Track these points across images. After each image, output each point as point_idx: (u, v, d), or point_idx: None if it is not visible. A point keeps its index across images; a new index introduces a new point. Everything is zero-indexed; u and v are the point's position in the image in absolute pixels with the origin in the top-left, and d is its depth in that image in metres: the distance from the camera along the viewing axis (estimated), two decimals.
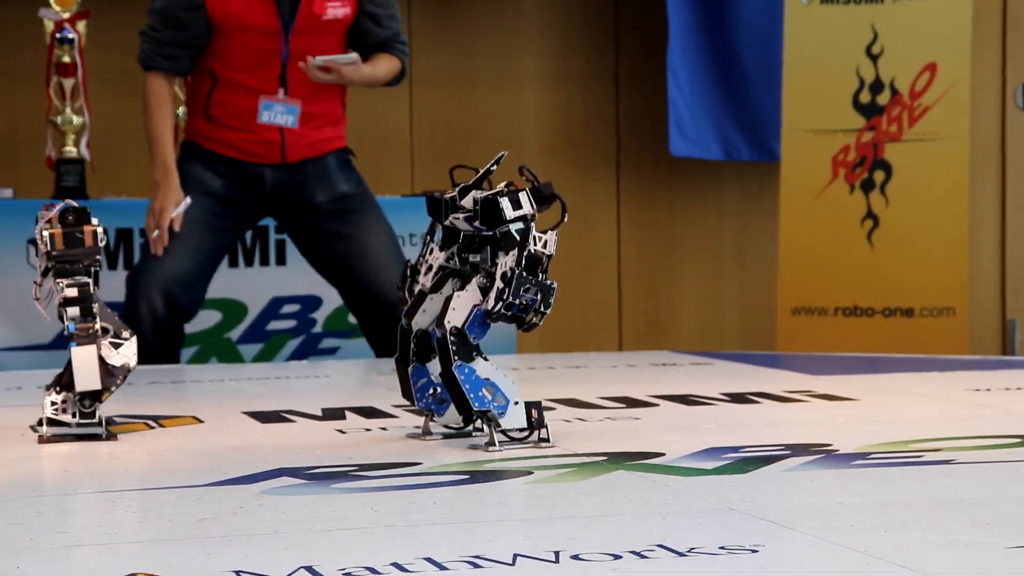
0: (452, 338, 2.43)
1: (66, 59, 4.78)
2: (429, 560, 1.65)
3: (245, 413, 3.00)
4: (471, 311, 2.45)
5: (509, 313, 2.40)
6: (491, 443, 2.42)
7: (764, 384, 3.41)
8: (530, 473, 2.23)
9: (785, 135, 5.30)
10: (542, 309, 2.44)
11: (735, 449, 2.43)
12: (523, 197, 2.53)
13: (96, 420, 2.56)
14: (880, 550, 1.69)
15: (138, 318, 4.03)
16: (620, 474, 2.22)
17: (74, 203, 2.50)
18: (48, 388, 2.58)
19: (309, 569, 1.62)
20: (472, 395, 2.42)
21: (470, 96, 6.10)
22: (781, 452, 2.39)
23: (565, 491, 2.08)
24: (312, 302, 4.81)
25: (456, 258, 2.54)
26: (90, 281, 2.50)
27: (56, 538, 1.84)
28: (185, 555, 1.70)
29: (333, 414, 2.98)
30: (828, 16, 5.20)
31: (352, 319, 4.46)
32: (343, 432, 2.73)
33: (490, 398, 2.44)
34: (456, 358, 2.42)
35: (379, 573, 1.60)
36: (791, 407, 3.05)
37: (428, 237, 2.59)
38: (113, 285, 4.33)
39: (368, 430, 2.75)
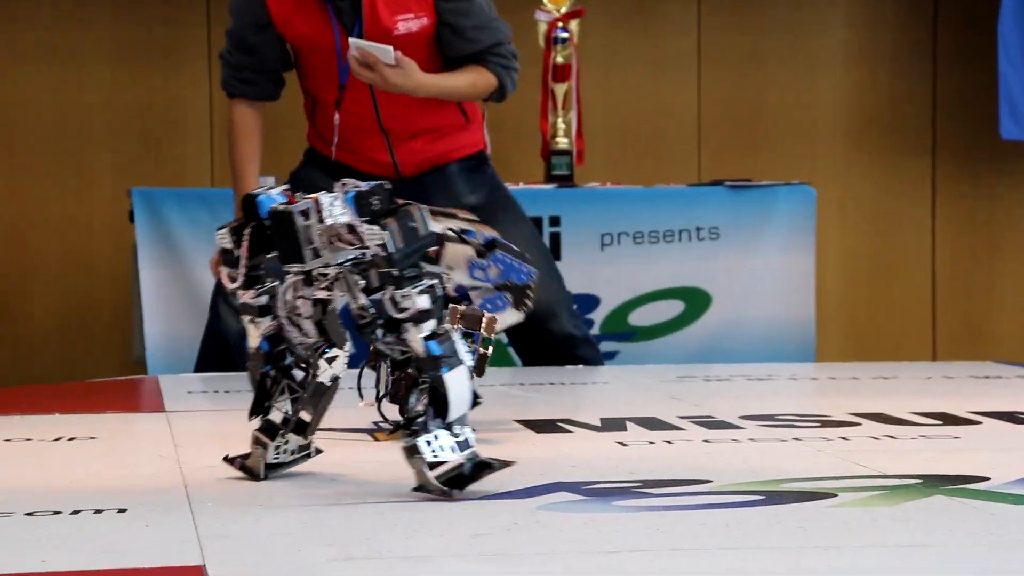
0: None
1: None
2: None
3: (517, 421, 3.04)
4: None
5: None
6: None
7: None
8: (834, 495, 2.21)
9: None
10: None
11: None
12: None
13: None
14: None
15: (222, 325, 4.17)
16: (937, 499, 2.18)
17: (358, 183, 2.19)
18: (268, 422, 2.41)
19: None
20: None
21: (764, 75, 6.05)
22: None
23: (874, 516, 2.05)
24: (589, 302, 4.85)
25: None
26: (438, 281, 2.14)
27: (325, 551, 1.90)
28: (460, 573, 1.74)
29: (613, 424, 3.00)
30: None
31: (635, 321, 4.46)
32: (624, 444, 2.74)
33: None
34: None
35: None
36: None
37: None
38: None
39: (652, 443, 2.76)
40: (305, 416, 2.34)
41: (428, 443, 2.13)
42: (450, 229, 2.20)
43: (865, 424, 2.96)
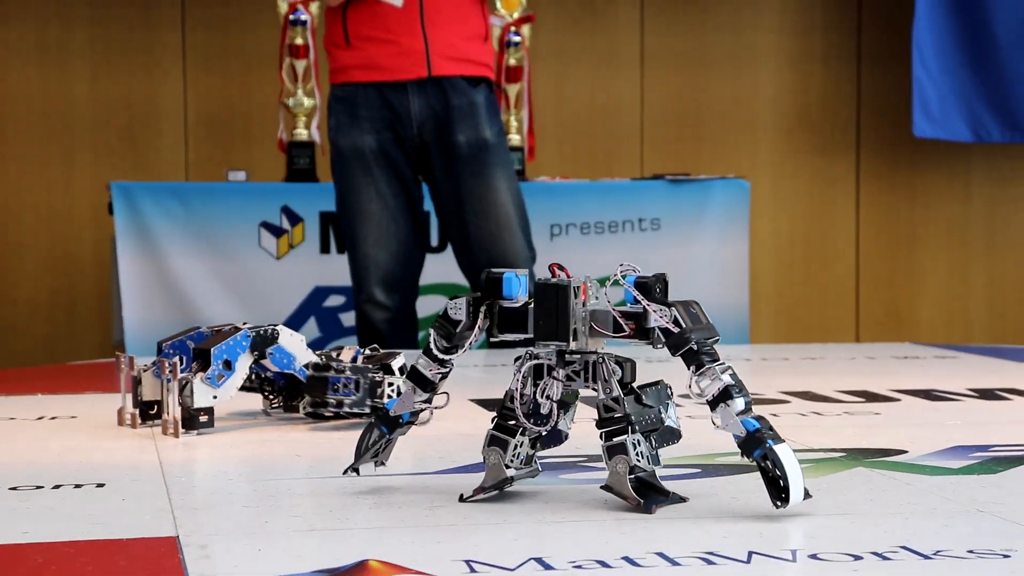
0: None
1: (299, 41, 4.91)
2: (661, 555, 1.66)
3: (472, 400, 3.04)
4: None
5: None
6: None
7: (1015, 379, 3.32)
8: None
9: None
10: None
11: (983, 448, 2.38)
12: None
13: None
14: None
15: (367, 318, 4.14)
16: (859, 471, 2.19)
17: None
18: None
19: (539, 561, 1.64)
20: None
21: (703, 75, 6.07)
22: None
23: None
24: None
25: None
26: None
27: (290, 522, 1.90)
28: (416, 543, 1.74)
29: (560, 403, 3.00)
30: None
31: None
32: (573, 423, 2.75)
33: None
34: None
35: (610, 567, 1.61)
36: None
37: None
38: (337, 267, 4.44)
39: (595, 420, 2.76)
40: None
41: (633, 445, 1.93)
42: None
43: (794, 401, 2.97)
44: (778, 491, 1.85)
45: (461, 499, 1.97)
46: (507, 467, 1.98)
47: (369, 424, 2.05)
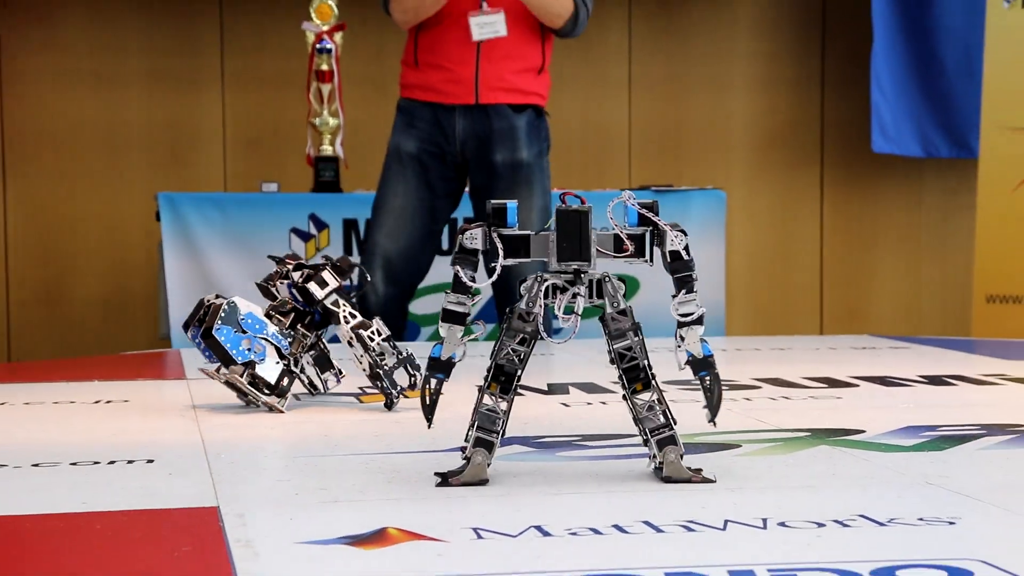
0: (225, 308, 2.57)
1: (324, 67, 4.91)
2: (647, 523, 1.66)
3: (480, 386, 3.04)
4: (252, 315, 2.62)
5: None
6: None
7: (960, 367, 3.32)
8: (739, 446, 2.22)
9: (983, 133, 5.14)
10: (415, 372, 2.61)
11: (932, 428, 2.38)
12: (326, 275, 2.62)
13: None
14: None
15: (365, 301, 4.07)
16: (823, 449, 2.19)
17: None
18: None
19: (539, 528, 1.64)
20: (233, 348, 2.59)
21: (684, 98, 6.06)
22: (976, 432, 2.33)
23: (771, 463, 2.07)
24: None
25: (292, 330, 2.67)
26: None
27: (317, 494, 1.90)
28: (430, 512, 1.74)
29: (558, 389, 3.00)
30: None
31: None
32: (567, 405, 2.75)
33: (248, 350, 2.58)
34: (219, 323, 2.58)
35: (601, 533, 1.61)
36: (986, 390, 2.97)
37: None
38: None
39: (589, 404, 2.77)
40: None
41: (663, 411, 1.94)
42: None
43: (765, 387, 2.97)
44: (712, 410, 1.92)
45: (437, 484, 1.92)
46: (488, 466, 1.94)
47: (425, 377, 1.99)
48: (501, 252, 1.93)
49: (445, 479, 1.94)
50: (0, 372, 4.24)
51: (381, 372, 2.65)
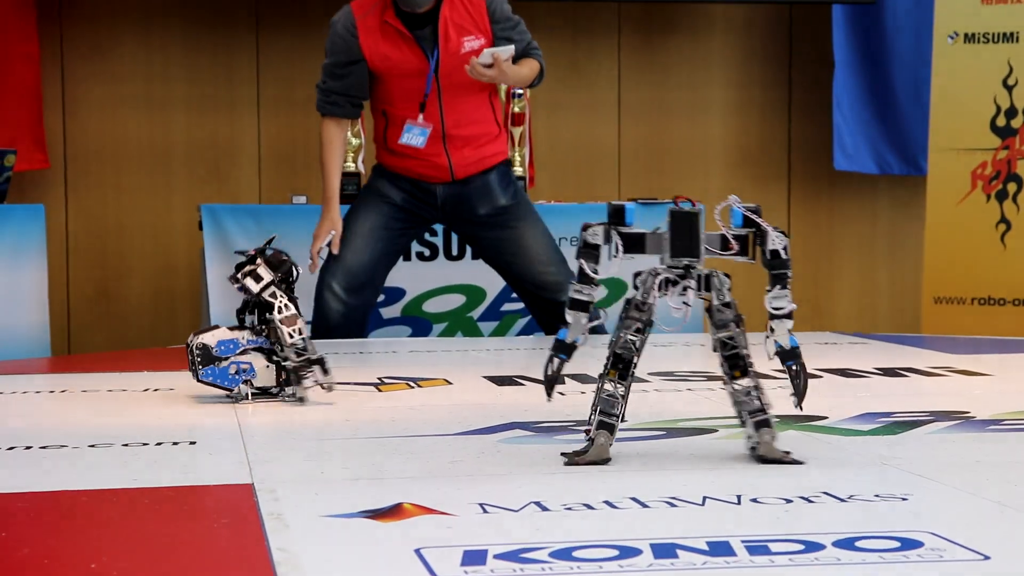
0: (197, 352, 2.56)
1: None
2: (634, 499, 1.66)
3: (485, 377, 3.04)
4: (224, 339, 2.59)
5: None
6: (243, 396, 2.55)
7: (911, 361, 3.32)
8: (716, 431, 2.21)
9: (931, 153, 5.14)
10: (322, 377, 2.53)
11: (887, 414, 2.37)
12: (262, 271, 2.59)
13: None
14: (1012, 500, 1.63)
15: (324, 306, 3.99)
16: (791, 433, 2.19)
17: None
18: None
19: (538, 504, 1.63)
20: (226, 384, 2.57)
21: (667, 120, 6.06)
22: (926, 418, 2.32)
23: (744, 446, 2.07)
24: None
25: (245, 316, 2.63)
26: None
27: (341, 472, 1.90)
28: (441, 490, 1.74)
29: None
30: (970, 53, 5.02)
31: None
32: (563, 394, 2.74)
33: (238, 377, 2.57)
34: (200, 367, 2.56)
35: (594, 508, 1.61)
36: (934, 380, 2.97)
37: None
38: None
39: (583, 393, 2.76)
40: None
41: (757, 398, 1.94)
42: None
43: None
44: (799, 395, 1.91)
45: (566, 463, 1.88)
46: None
47: (550, 356, 1.95)
48: (621, 248, 1.91)
49: (572, 458, 1.90)
50: (60, 363, 4.24)
51: (285, 367, 2.57)
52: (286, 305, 2.59)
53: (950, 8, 5.05)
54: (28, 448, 2.08)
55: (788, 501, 1.64)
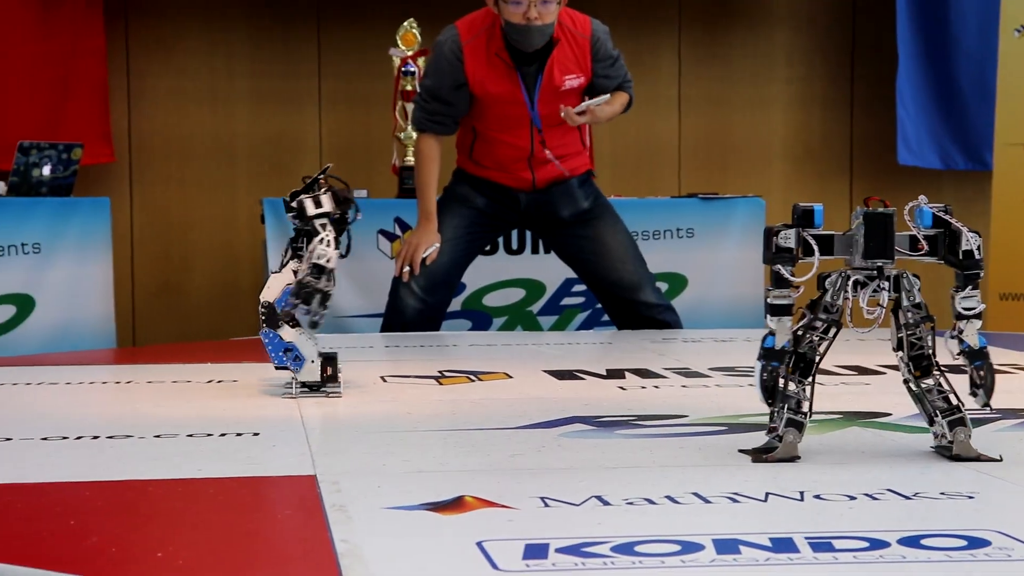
0: (262, 310, 2.49)
1: (409, 87, 4.91)
2: (696, 494, 1.65)
3: (545, 371, 3.04)
4: (283, 289, 2.51)
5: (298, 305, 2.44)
6: (290, 390, 2.53)
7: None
8: None
9: (996, 148, 5.06)
10: (318, 309, 2.43)
11: None
12: (324, 198, 2.52)
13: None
14: None
15: (400, 302, 4.03)
16: (853, 430, 2.17)
17: None
18: None
19: (599, 498, 1.63)
20: (273, 354, 2.53)
21: (728, 115, 6.01)
22: (993, 415, 2.29)
23: (807, 442, 2.04)
24: None
25: (290, 248, 2.58)
26: None
27: (402, 465, 1.90)
28: (502, 483, 1.74)
29: (615, 374, 2.99)
30: None
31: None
32: (623, 388, 2.74)
33: (286, 357, 2.52)
34: (264, 326, 2.50)
35: (655, 503, 1.60)
36: (999, 377, 2.91)
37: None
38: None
39: (643, 387, 2.75)
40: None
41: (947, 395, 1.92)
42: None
43: None
44: (987, 394, 1.89)
45: (753, 460, 1.86)
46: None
47: (761, 367, 1.92)
48: (817, 251, 1.90)
49: (759, 456, 1.88)
50: (126, 355, 4.30)
51: (302, 290, 2.46)
52: (330, 241, 2.49)
53: (1016, 1, 4.98)
54: (95, 438, 2.10)
55: (852, 498, 1.62)
